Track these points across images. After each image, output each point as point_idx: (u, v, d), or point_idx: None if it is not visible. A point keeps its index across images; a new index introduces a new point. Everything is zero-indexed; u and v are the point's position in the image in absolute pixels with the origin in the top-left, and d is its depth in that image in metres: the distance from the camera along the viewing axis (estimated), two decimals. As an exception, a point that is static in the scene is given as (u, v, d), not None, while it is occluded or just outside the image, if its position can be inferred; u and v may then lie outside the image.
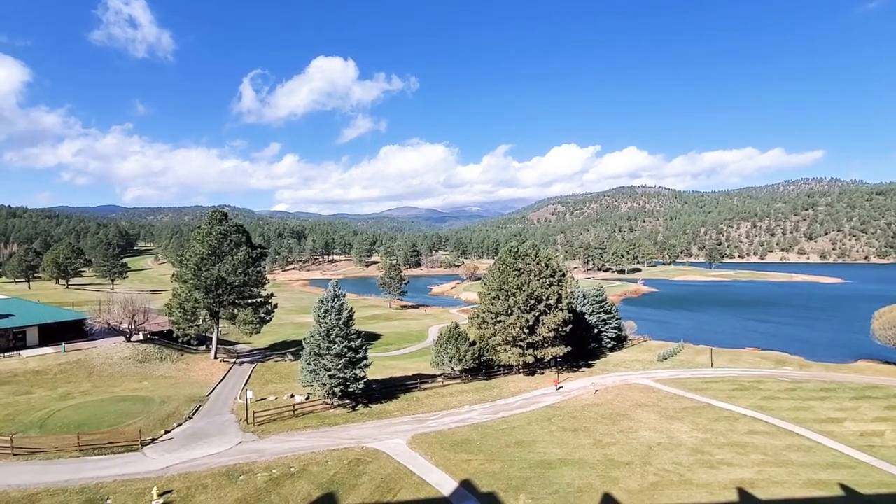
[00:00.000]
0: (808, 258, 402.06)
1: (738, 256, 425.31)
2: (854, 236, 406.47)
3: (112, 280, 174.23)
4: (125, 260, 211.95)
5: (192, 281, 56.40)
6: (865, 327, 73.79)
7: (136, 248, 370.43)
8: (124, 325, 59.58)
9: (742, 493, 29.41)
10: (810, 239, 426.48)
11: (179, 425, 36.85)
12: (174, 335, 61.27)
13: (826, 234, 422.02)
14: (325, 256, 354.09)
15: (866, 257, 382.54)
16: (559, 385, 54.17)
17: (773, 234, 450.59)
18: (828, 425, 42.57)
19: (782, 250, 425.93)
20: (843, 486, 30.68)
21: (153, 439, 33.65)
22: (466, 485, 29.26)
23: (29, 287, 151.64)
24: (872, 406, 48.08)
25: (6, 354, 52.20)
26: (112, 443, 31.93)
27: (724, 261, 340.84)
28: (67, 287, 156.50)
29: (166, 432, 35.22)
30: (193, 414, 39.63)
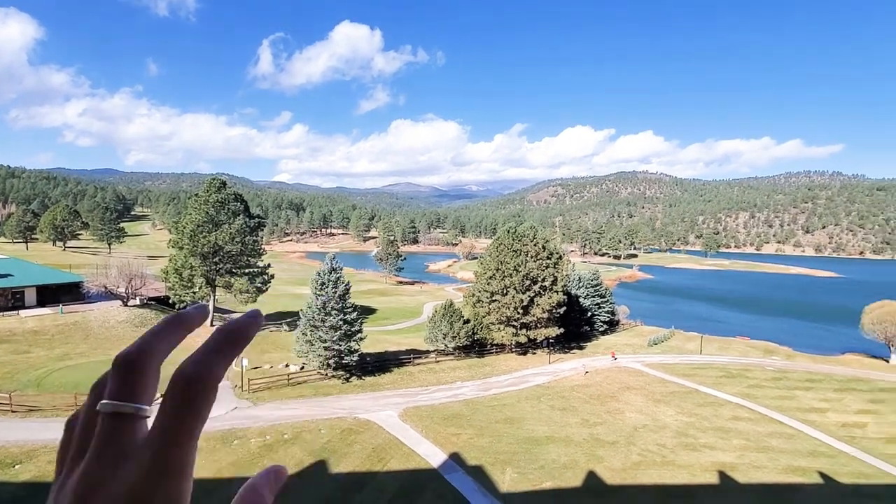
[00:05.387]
0: (804, 251, 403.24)
1: (735, 246, 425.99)
2: (851, 231, 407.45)
3: (109, 244, 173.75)
4: (122, 224, 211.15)
5: (188, 247, 56.42)
6: (855, 321, 74.73)
7: (133, 213, 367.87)
8: (121, 290, 59.80)
9: (722, 475, 30.32)
10: (807, 232, 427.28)
11: (175, 389, 37.41)
12: (170, 301, 61.59)
13: (823, 227, 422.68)
14: (323, 229, 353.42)
15: (861, 252, 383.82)
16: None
17: (770, 226, 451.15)
18: (811, 415, 43.57)
19: (778, 242, 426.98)
20: (821, 474, 31.60)
21: (149, 402, 34.22)
22: (455, 457, 30.02)
23: (27, 248, 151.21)
24: (856, 398, 49.11)
25: (5, 314, 52.44)
26: (108, 404, 32.47)
27: (721, 250, 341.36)
28: (65, 249, 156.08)
29: (161, 396, 35.76)
30: (189, 379, 40.20)
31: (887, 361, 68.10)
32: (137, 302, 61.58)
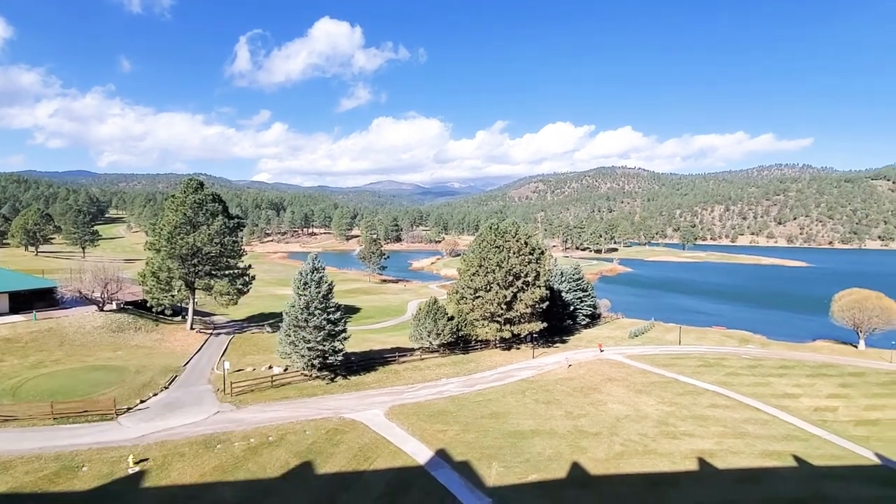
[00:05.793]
0: (776, 242, 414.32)
1: (711, 238, 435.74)
2: (821, 222, 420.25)
3: (83, 248, 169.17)
4: (96, 227, 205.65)
5: (165, 250, 55.36)
6: (825, 309, 77.12)
7: (107, 215, 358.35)
8: (96, 294, 58.40)
9: (702, 462, 31.15)
10: (779, 223, 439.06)
11: (155, 395, 36.82)
12: (148, 305, 60.39)
13: (795, 219, 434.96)
14: (305, 229, 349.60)
15: (830, 242, 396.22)
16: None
17: (744, 218, 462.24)
18: (784, 400, 45.01)
19: (752, 234, 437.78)
20: (796, 458, 32.72)
21: (128, 408, 33.60)
22: (441, 454, 30.21)
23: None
24: (827, 383, 50.87)
25: (-27, 322, 50.75)
26: (86, 411, 31.80)
27: (697, 242, 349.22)
28: (37, 254, 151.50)
29: (142, 402, 35.17)
30: (169, 384, 39.57)
31: (856, 347, 70.59)
32: (114, 307, 60.22)
